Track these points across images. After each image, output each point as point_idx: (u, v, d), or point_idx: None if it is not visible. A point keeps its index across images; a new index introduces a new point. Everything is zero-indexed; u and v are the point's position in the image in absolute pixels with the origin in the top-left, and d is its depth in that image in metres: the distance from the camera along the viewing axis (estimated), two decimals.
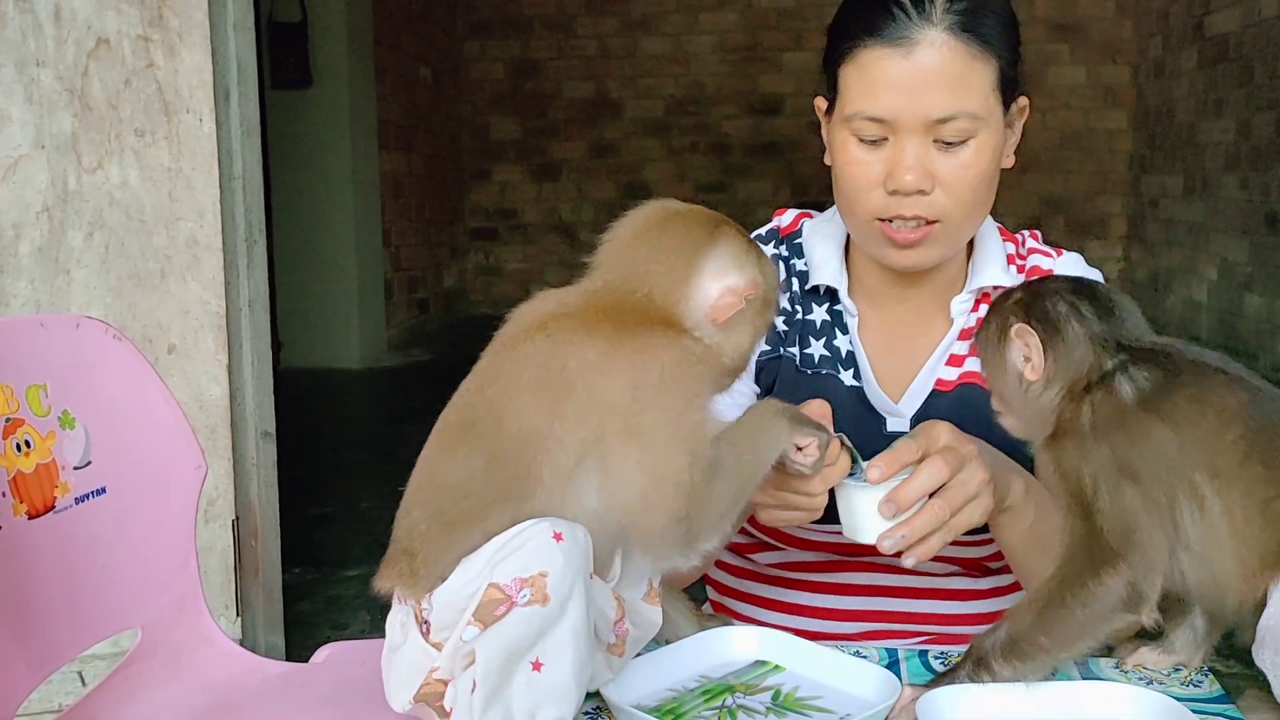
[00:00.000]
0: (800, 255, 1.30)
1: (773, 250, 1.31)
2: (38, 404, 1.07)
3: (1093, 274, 1.21)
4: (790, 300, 1.29)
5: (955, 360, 1.25)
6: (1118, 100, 7.04)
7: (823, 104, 1.23)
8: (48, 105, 2.06)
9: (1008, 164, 1.20)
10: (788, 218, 1.35)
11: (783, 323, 1.28)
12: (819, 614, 1.30)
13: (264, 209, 2.29)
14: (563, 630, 0.83)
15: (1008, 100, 1.16)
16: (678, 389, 0.91)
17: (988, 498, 1.03)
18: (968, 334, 1.25)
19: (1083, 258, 1.30)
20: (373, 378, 6.10)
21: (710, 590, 1.40)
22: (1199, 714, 0.93)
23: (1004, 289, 1.24)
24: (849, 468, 1.03)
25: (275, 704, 1.11)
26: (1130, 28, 6.93)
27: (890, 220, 1.15)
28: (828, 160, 1.21)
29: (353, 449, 4.72)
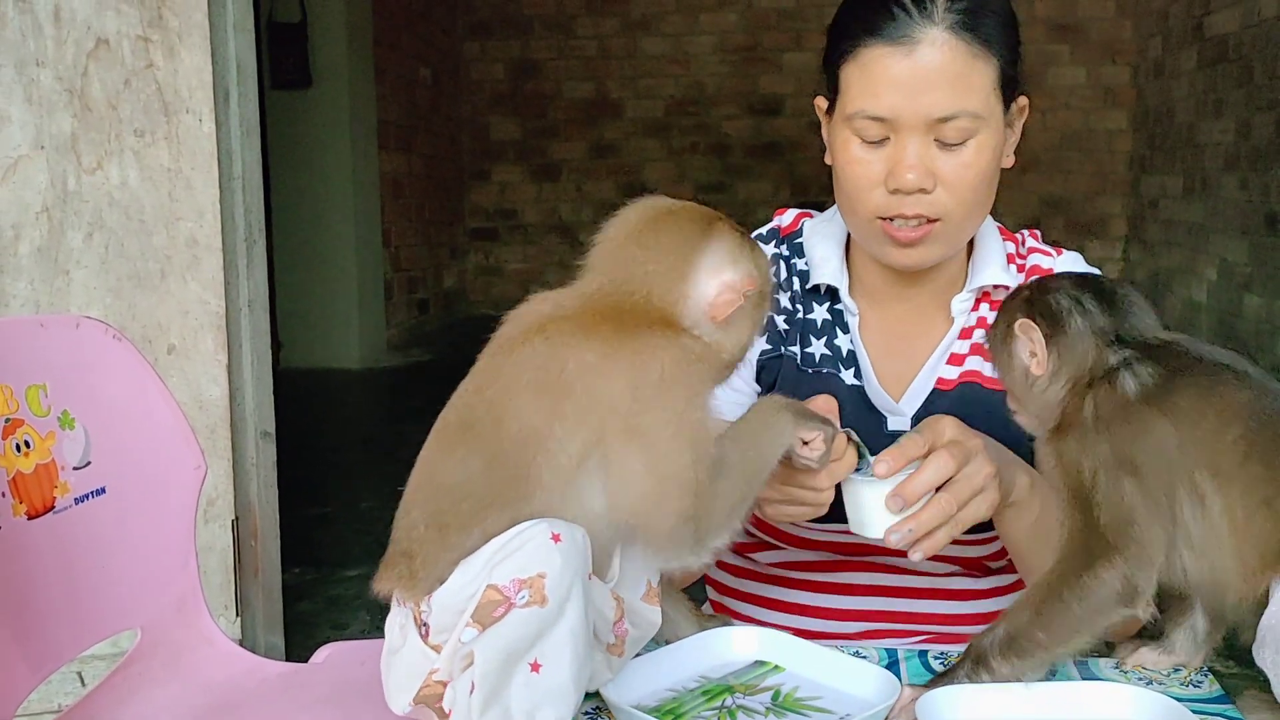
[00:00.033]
0: (801, 255, 1.31)
1: (773, 250, 1.31)
2: (37, 404, 1.07)
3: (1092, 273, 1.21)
4: (791, 299, 1.29)
5: (956, 359, 1.25)
6: (1117, 101, 7.04)
7: (823, 104, 1.23)
8: (47, 105, 2.06)
9: (1008, 164, 1.20)
10: (788, 217, 1.35)
11: (784, 322, 1.28)
12: (819, 613, 1.30)
13: (264, 209, 2.29)
14: (561, 631, 0.83)
15: (1008, 99, 1.16)
16: (679, 388, 0.91)
17: (994, 491, 1.04)
18: (968, 333, 1.25)
19: (1082, 257, 1.30)
20: (372, 378, 6.10)
21: (710, 590, 1.40)
22: (1199, 714, 0.93)
23: (1004, 287, 1.25)
24: (855, 463, 1.03)
25: (275, 704, 1.11)
26: (1130, 28, 6.93)
27: (891, 219, 1.15)
28: (828, 160, 1.21)
29: (352, 449, 4.72)
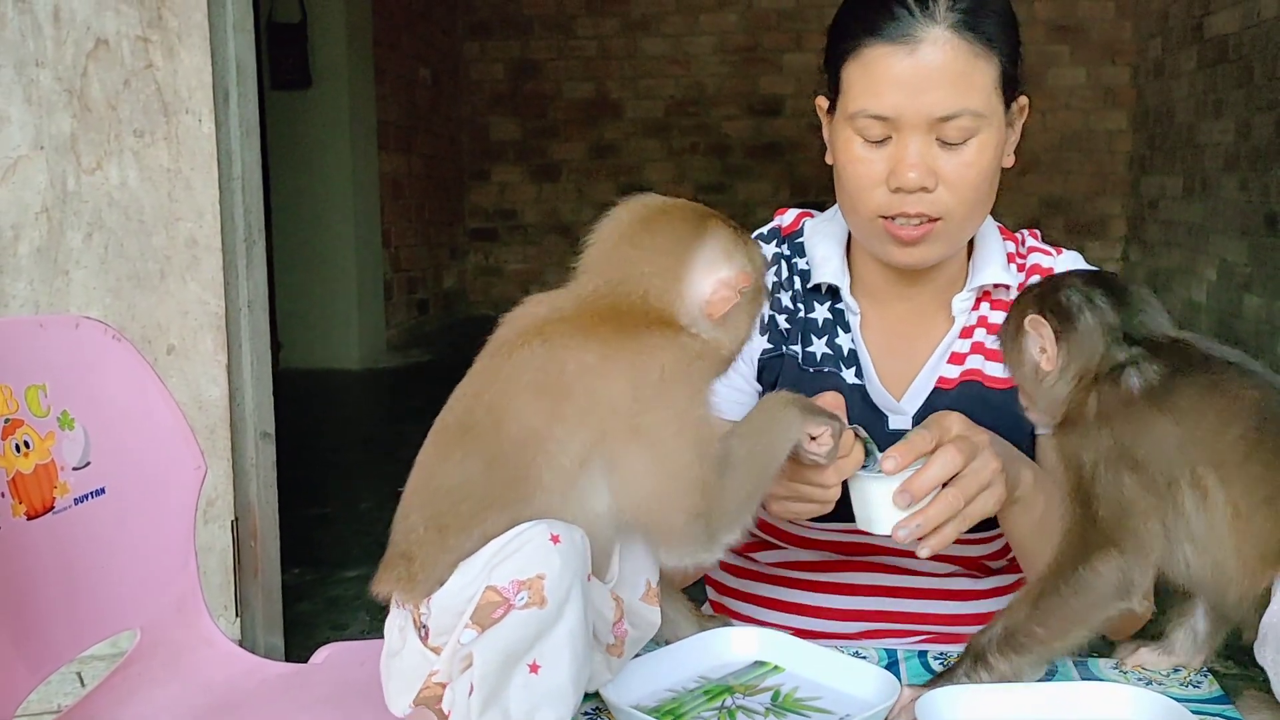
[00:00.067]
0: (802, 254, 1.31)
1: (774, 249, 1.31)
2: (37, 405, 1.07)
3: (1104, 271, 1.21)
4: (792, 299, 1.29)
5: (957, 358, 1.25)
6: (1117, 101, 7.04)
7: (824, 103, 1.23)
8: (47, 106, 2.06)
9: (1008, 163, 1.20)
10: (789, 217, 1.35)
11: (785, 321, 1.28)
12: (819, 613, 1.30)
13: (263, 210, 2.29)
14: (560, 632, 0.83)
15: (1009, 99, 1.16)
16: (680, 386, 0.91)
17: (1000, 487, 1.04)
18: (969, 332, 1.26)
19: (1082, 257, 1.30)
20: (372, 378, 6.10)
21: (710, 590, 1.40)
22: (1198, 714, 0.93)
23: (1005, 286, 1.25)
24: (863, 459, 1.03)
25: (275, 704, 1.11)
26: (1130, 29, 6.93)
27: (893, 218, 1.15)
28: (829, 159, 1.21)
29: (352, 449, 4.72)
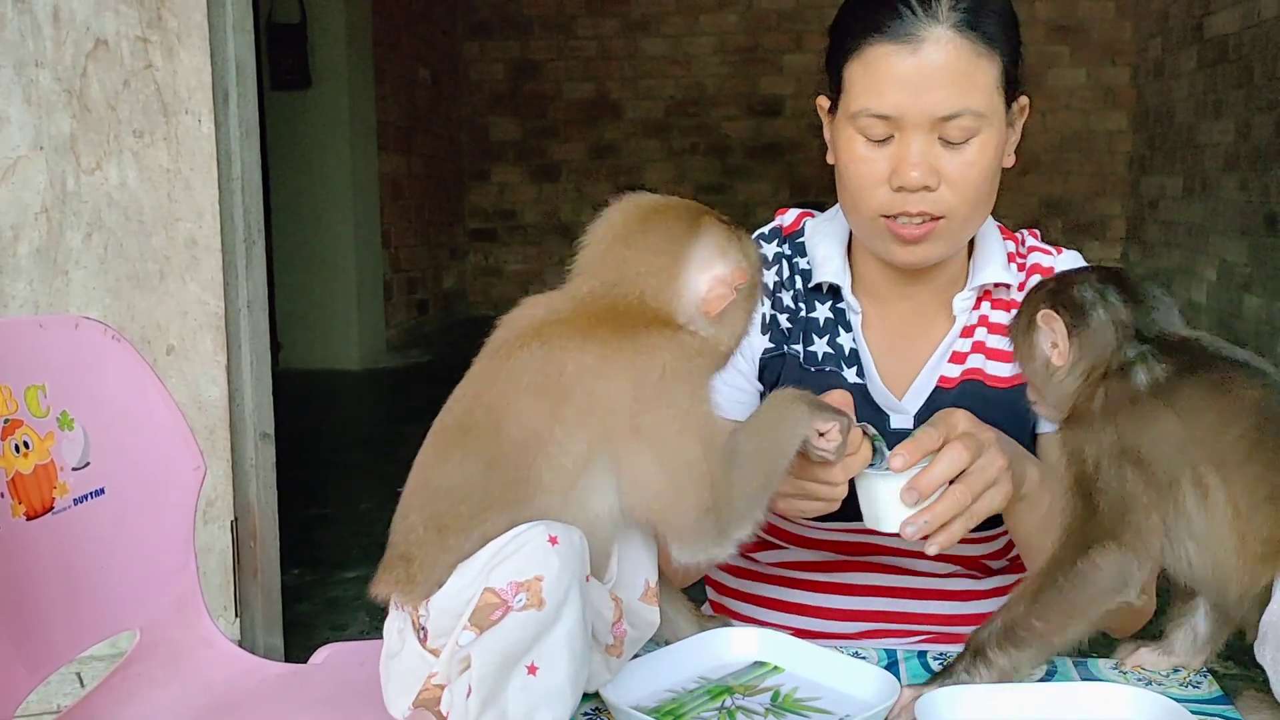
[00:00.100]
0: (803, 254, 1.31)
1: (776, 249, 1.31)
2: (36, 405, 1.07)
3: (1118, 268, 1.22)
4: (794, 298, 1.29)
5: (958, 357, 1.25)
6: (1117, 101, 7.04)
7: (825, 103, 1.23)
8: (46, 106, 2.06)
9: (1008, 163, 1.20)
10: (790, 217, 1.35)
11: (786, 320, 1.28)
12: (819, 613, 1.30)
13: (263, 210, 2.29)
14: (558, 634, 0.83)
15: (1010, 98, 1.17)
16: (681, 384, 0.91)
17: (1007, 483, 1.04)
18: (970, 331, 1.26)
19: (1081, 257, 1.30)
20: (372, 379, 6.10)
21: (710, 590, 1.40)
22: (1197, 715, 0.93)
23: (1005, 286, 1.25)
24: (870, 457, 1.03)
25: (274, 705, 1.11)
26: (1130, 29, 6.93)
27: (895, 217, 1.15)
28: (830, 159, 1.21)
29: (351, 450, 4.72)
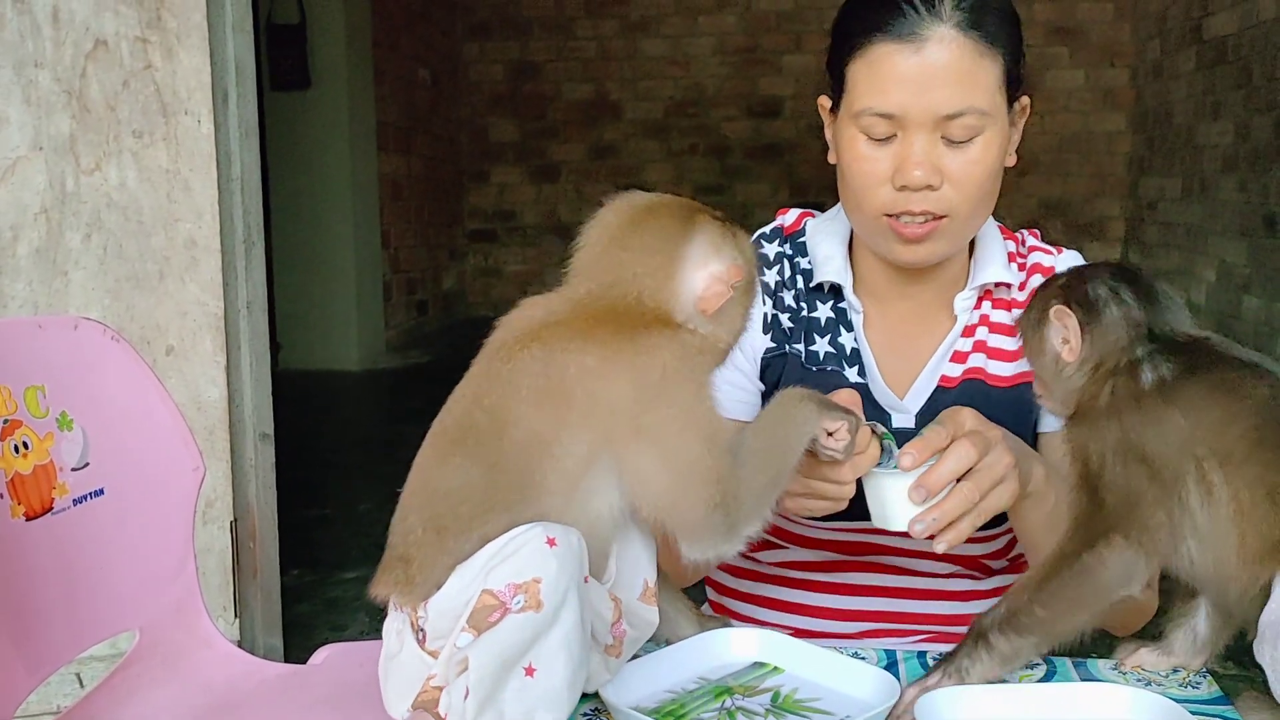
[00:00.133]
0: (804, 253, 1.31)
1: (777, 248, 1.31)
2: (36, 405, 1.07)
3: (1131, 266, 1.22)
4: (795, 298, 1.29)
5: (959, 357, 1.25)
6: (1116, 103, 7.04)
7: (826, 103, 1.23)
8: (46, 107, 2.06)
9: (1009, 163, 1.21)
10: (791, 217, 1.35)
11: (788, 320, 1.28)
12: (819, 613, 1.30)
13: (262, 210, 2.29)
14: (556, 636, 0.83)
15: (1011, 98, 1.17)
16: (683, 383, 0.91)
17: (1014, 481, 1.04)
18: (971, 330, 1.26)
19: (1081, 257, 1.30)
20: (371, 379, 6.09)
21: (710, 590, 1.40)
22: (1197, 715, 0.93)
23: (1006, 285, 1.25)
24: (879, 455, 1.03)
25: (273, 705, 1.11)
26: (1129, 31, 6.93)
27: (898, 216, 1.15)
28: (832, 159, 1.21)
29: (351, 451, 4.72)
